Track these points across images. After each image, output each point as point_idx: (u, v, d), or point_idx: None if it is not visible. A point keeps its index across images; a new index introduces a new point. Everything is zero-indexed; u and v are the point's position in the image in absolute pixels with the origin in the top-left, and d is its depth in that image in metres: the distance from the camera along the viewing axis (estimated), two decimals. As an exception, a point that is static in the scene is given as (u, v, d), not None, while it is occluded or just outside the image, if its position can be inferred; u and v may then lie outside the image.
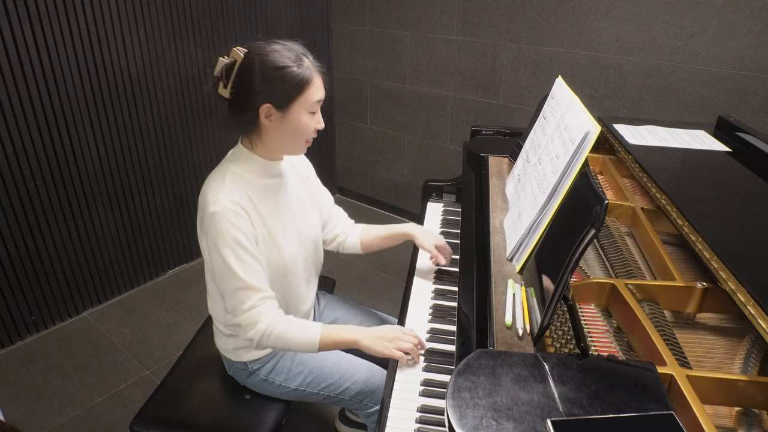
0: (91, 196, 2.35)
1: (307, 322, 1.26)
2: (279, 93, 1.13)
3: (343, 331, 1.24)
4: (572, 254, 0.85)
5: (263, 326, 1.18)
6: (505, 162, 1.68)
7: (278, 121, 1.17)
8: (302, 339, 1.21)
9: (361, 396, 1.35)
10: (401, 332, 1.19)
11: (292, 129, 1.18)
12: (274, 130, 1.18)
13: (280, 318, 1.21)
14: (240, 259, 1.16)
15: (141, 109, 2.42)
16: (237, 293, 1.17)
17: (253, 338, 1.20)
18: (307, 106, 1.16)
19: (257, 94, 1.14)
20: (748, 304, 0.83)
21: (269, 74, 1.12)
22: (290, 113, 1.16)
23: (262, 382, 1.35)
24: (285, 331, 1.20)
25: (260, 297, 1.19)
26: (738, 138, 1.55)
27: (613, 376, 0.80)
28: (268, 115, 1.16)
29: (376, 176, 3.49)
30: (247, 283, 1.17)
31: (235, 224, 1.15)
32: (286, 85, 1.13)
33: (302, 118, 1.17)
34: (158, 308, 2.53)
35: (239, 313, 1.18)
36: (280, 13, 2.91)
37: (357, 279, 2.72)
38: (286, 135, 1.19)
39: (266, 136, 1.20)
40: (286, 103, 1.15)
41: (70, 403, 2.00)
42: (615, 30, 2.26)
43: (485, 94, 2.77)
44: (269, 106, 1.14)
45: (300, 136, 1.20)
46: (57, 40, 2.06)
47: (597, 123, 1.02)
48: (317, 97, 1.17)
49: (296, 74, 1.13)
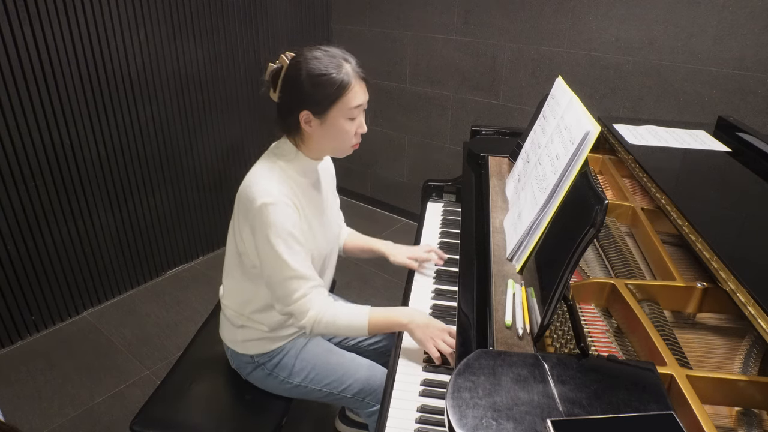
0: (91, 196, 2.35)
1: (355, 306, 1.27)
2: (316, 100, 1.16)
3: (393, 312, 1.23)
4: (572, 254, 0.85)
5: (313, 312, 1.21)
6: (505, 162, 1.68)
7: (318, 127, 1.20)
8: (352, 322, 1.23)
9: (363, 394, 1.35)
10: (448, 333, 1.18)
11: (332, 134, 1.21)
12: (316, 135, 1.22)
13: (329, 304, 1.23)
14: (291, 249, 1.18)
15: (141, 109, 2.42)
16: (288, 282, 1.19)
17: (305, 325, 1.22)
18: (345, 112, 1.18)
19: (297, 100, 1.18)
20: (748, 304, 0.83)
21: (308, 81, 1.15)
22: (329, 119, 1.18)
23: (266, 377, 1.36)
24: (334, 316, 1.22)
25: (311, 285, 1.21)
26: (738, 138, 1.55)
27: (613, 376, 0.80)
28: (307, 121, 1.19)
29: (376, 176, 3.49)
30: (298, 273, 1.19)
31: (288, 215, 1.17)
32: (323, 92, 1.15)
33: (341, 124, 1.19)
34: (158, 308, 2.53)
35: (291, 302, 1.20)
36: (280, 13, 2.91)
37: (357, 279, 2.72)
38: (327, 140, 1.22)
39: (309, 139, 1.24)
40: (324, 110, 1.17)
41: (70, 403, 2.00)
42: (615, 30, 2.26)
43: (485, 94, 2.77)
44: (308, 113, 1.18)
45: (341, 140, 1.22)
46: (57, 40, 2.06)
47: (597, 123, 1.02)
48: (356, 102, 1.19)
49: (333, 81, 1.15)
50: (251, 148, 2.97)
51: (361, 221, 3.40)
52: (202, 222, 2.87)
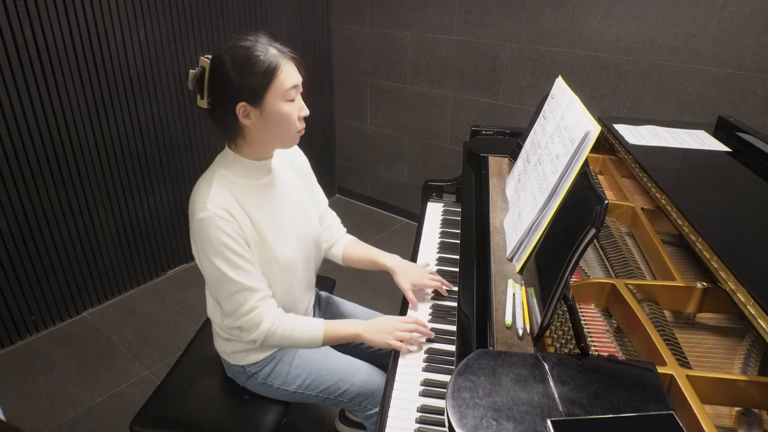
0: (91, 196, 2.35)
1: (309, 318, 1.27)
2: (249, 87, 1.10)
3: (345, 325, 1.26)
4: (572, 254, 0.85)
5: (266, 326, 1.19)
6: (505, 162, 1.68)
7: (257, 118, 1.13)
8: (306, 335, 1.22)
9: (360, 398, 1.34)
10: (400, 321, 1.22)
11: (273, 121, 1.14)
12: (257, 128, 1.15)
13: (282, 316, 1.22)
14: (231, 263, 1.14)
15: (141, 109, 2.42)
16: (234, 296, 1.17)
17: (257, 339, 1.20)
18: (282, 94, 1.12)
19: (229, 95, 1.11)
20: (748, 304, 0.83)
21: (235, 71, 1.09)
22: (266, 106, 1.12)
23: (261, 385, 1.35)
24: (289, 329, 1.21)
25: (259, 297, 1.19)
26: (738, 138, 1.55)
27: (613, 376, 0.80)
28: (245, 114, 1.12)
29: (376, 176, 3.49)
30: (243, 285, 1.16)
31: (223, 229, 1.12)
32: (253, 78, 1.09)
33: (281, 108, 1.12)
34: (158, 308, 2.53)
35: (239, 316, 1.18)
36: (280, 13, 2.91)
37: (357, 279, 2.72)
38: (270, 129, 1.15)
39: (251, 136, 1.17)
40: (259, 96, 1.10)
41: (70, 403, 1.99)
42: (615, 30, 2.26)
43: (485, 94, 2.77)
44: (244, 104, 1.11)
45: (285, 127, 1.16)
46: (57, 40, 2.06)
47: (597, 123, 1.02)
48: (290, 82, 1.12)
49: (261, 63, 1.09)
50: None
51: (361, 221, 3.40)
52: (202, 222, 2.87)
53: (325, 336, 1.24)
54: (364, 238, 1.59)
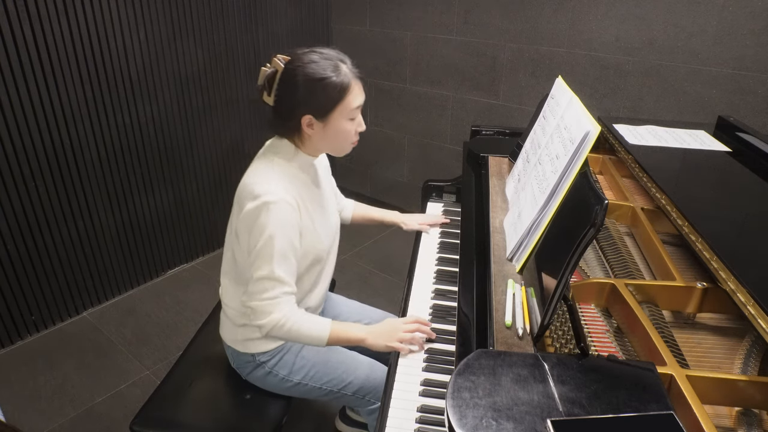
0: (91, 196, 2.35)
1: (318, 317, 1.28)
2: (318, 104, 1.17)
3: (351, 328, 1.28)
4: (572, 254, 0.85)
5: (277, 316, 1.21)
6: (505, 162, 1.68)
7: (320, 130, 1.21)
8: (312, 333, 1.24)
9: (363, 392, 1.36)
10: (401, 323, 1.24)
11: (333, 135, 1.22)
12: (316, 137, 1.23)
13: (294, 311, 1.24)
14: (283, 252, 1.18)
15: (141, 109, 2.42)
16: (264, 281, 1.19)
17: (264, 326, 1.21)
18: (347, 113, 1.20)
19: (298, 105, 1.18)
20: (748, 304, 0.83)
21: (308, 86, 1.15)
22: (330, 122, 1.20)
23: (266, 376, 1.36)
24: (298, 324, 1.23)
25: (284, 291, 1.21)
26: (738, 138, 1.55)
27: (613, 376, 0.80)
28: (309, 124, 1.20)
29: (376, 176, 3.49)
30: (277, 276, 1.19)
31: (288, 217, 1.18)
32: (324, 95, 1.16)
33: (343, 125, 1.21)
34: (158, 308, 2.53)
35: (257, 299, 1.20)
36: (280, 13, 2.91)
37: (357, 279, 2.72)
38: (328, 141, 1.24)
39: (309, 140, 1.25)
40: (326, 113, 1.18)
41: (70, 403, 2.00)
42: (615, 30, 2.26)
43: (485, 94, 2.77)
44: (310, 117, 1.18)
45: (342, 140, 1.25)
46: (57, 40, 2.06)
47: (597, 123, 1.02)
48: (356, 103, 1.20)
49: (334, 84, 1.16)
50: (251, 147, 2.97)
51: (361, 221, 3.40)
52: (202, 222, 2.87)
53: (331, 337, 1.25)
54: (364, 238, 1.60)
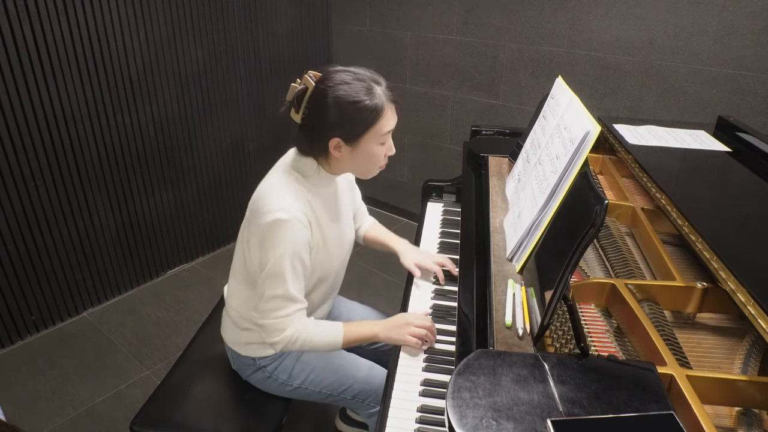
0: (91, 196, 2.35)
1: (328, 323, 1.28)
2: (349, 128, 1.13)
3: (362, 327, 1.28)
4: (572, 254, 0.85)
5: (290, 332, 1.20)
6: (505, 162, 1.68)
7: (347, 153, 1.17)
8: (327, 340, 1.25)
9: (363, 395, 1.35)
10: (413, 318, 1.23)
11: (361, 159, 1.19)
12: (344, 160, 1.19)
13: (305, 323, 1.23)
14: (294, 270, 1.16)
15: (141, 109, 2.42)
16: (276, 300, 1.18)
17: (278, 343, 1.21)
18: (378, 138, 1.16)
19: (327, 127, 1.13)
20: (748, 304, 0.83)
21: (339, 109, 1.11)
22: (360, 146, 1.16)
23: (266, 379, 1.36)
24: (311, 336, 1.23)
25: (296, 308, 1.21)
26: (738, 138, 1.55)
27: (613, 376, 0.80)
28: (337, 147, 1.16)
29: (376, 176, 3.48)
30: (290, 294, 1.18)
31: (299, 236, 1.15)
32: (356, 120, 1.12)
33: (373, 149, 1.17)
34: (158, 308, 2.53)
35: (270, 318, 1.20)
36: (280, 13, 2.91)
37: (357, 279, 2.72)
38: (355, 164, 1.21)
39: (335, 162, 1.21)
40: (356, 138, 1.14)
41: (70, 403, 2.00)
42: (615, 30, 2.26)
43: (485, 94, 2.77)
44: (338, 140, 1.14)
45: (370, 165, 1.21)
46: (57, 40, 2.06)
47: (597, 123, 1.02)
48: (388, 128, 1.16)
49: (367, 109, 1.11)
50: (251, 147, 2.97)
51: (361, 221, 3.40)
52: (202, 222, 2.87)
53: (345, 339, 1.26)
54: (364, 238, 1.60)
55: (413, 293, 1.40)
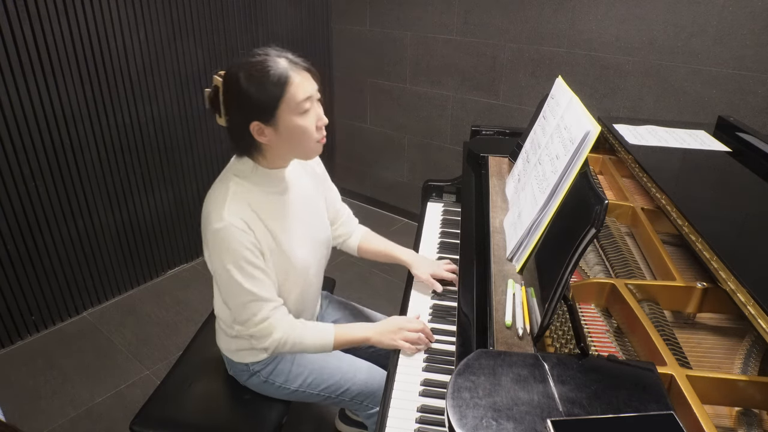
0: (91, 196, 2.35)
1: (320, 324, 1.27)
2: (260, 105, 1.07)
3: (355, 329, 1.27)
4: (572, 254, 0.85)
5: (279, 335, 1.20)
6: (505, 162, 1.68)
7: (273, 134, 1.10)
8: (317, 342, 1.24)
9: (362, 397, 1.35)
10: (406, 322, 1.23)
11: (289, 137, 1.11)
12: (274, 144, 1.13)
13: (293, 324, 1.22)
14: (246, 273, 1.14)
15: (141, 109, 2.42)
16: (247, 306, 1.17)
17: (269, 347, 1.20)
18: (294, 108, 1.08)
19: (242, 115, 1.09)
20: (748, 304, 0.83)
21: (244, 92, 1.06)
22: (280, 122, 1.09)
23: (263, 383, 1.35)
24: (300, 337, 1.22)
25: (271, 308, 1.19)
26: (738, 138, 1.55)
27: (613, 376, 0.80)
28: (259, 132, 1.10)
29: (376, 176, 3.49)
30: (256, 296, 1.16)
31: (239, 240, 1.12)
32: (264, 94, 1.06)
33: (295, 122, 1.09)
34: (158, 308, 2.53)
35: (251, 326, 1.19)
36: (280, 13, 2.91)
37: (357, 279, 2.72)
38: (287, 144, 1.13)
39: (269, 151, 1.15)
40: (271, 113, 1.07)
41: (70, 403, 1.99)
42: (615, 30, 2.26)
43: (485, 94, 2.77)
44: (257, 123, 1.09)
45: (303, 140, 1.12)
46: (57, 40, 2.06)
47: (597, 123, 1.02)
48: (301, 95, 1.08)
49: (270, 81, 1.05)
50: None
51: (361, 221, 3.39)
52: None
53: (336, 341, 1.25)
54: (364, 238, 1.59)
55: (414, 293, 1.40)
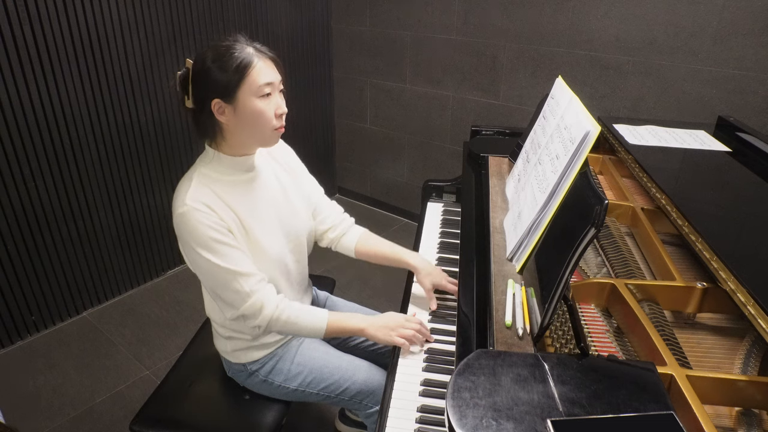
0: (91, 196, 2.35)
1: (314, 308, 1.27)
2: (222, 83, 1.12)
3: (350, 318, 1.27)
4: (572, 254, 0.85)
5: (269, 311, 1.19)
6: (505, 162, 1.68)
7: (232, 114, 1.15)
8: (310, 323, 1.23)
9: (361, 396, 1.35)
10: (404, 319, 1.23)
11: (247, 119, 1.15)
12: (233, 125, 1.16)
13: (286, 302, 1.23)
14: (217, 252, 1.15)
15: (141, 109, 2.42)
16: (229, 285, 1.17)
17: (260, 325, 1.20)
18: (254, 90, 1.13)
19: (205, 91, 1.14)
20: (748, 304, 0.83)
21: (210, 68, 1.13)
22: (239, 102, 1.13)
23: (262, 383, 1.35)
24: (294, 317, 1.22)
25: (255, 281, 1.18)
26: (738, 138, 1.55)
27: (613, 376, 0.80)
28: (220, 110, 1.15)
29: (376, 176, 3.49)
30: (234, 272, 1.16)
31: (201, 221, 1.13)
32: (226, 73, 1.12)
33: (254, 104, 1.14)
34: (158, 308, 2.53)
35: (240, 303, 1.18)
36: (280, 13, 2.91)
37: (357, 279, 2.72)
38: (245, 126, 1.16)
39: (228, 133, 1.19)
40: (232, 92, 1.13)
41: (70, 403, 1.99)
42: (615, 30, 2.26)
43: (485, 94, 2.77)
44: (218, 101, 1.13)
45: (260, 124, 1.16)
46: (57, 40, 2.06)
47: (597, 123, 1.02)
48: (263, 79, 1.14)
49: (233, 60, 1.12)
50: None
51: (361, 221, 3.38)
52: (202, 222, 2.87)
53: (329, 327, 1.24)
54: (364, 238, 1.58)
55: (414, 293, 1.40)
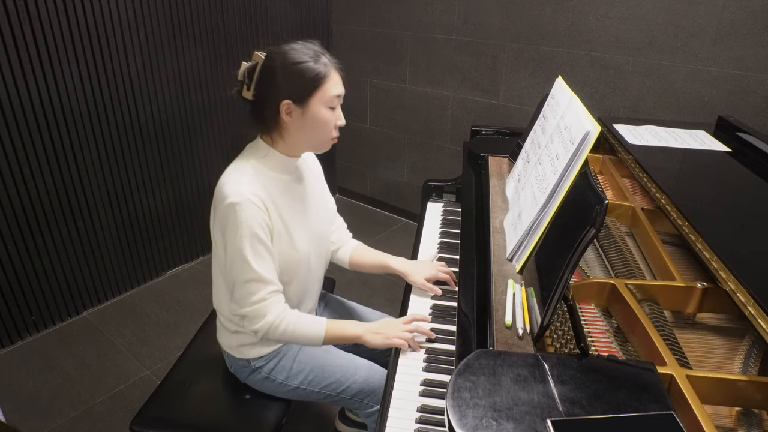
0: (91, 196, 2.35)
1: (313, 316, 1.29)
2: (297, 88, 1.17)
3: (348, 326, 1.29)
4: (572, 254, 0.85)
5: (271, 318, 1.21)
6: (505, 162, 1.68)
7: (298, 117, 1.20)
8: (308, 332, 1.25)
9: (362, 395, 1.35)
10: (401, 323, 1.25)
11: (311, 124, 1.21)
12: (296, 127, 1.21)
13: (287, 311, 1.25)
14: (255, 251, 1.18)
15: (141, 109, 2.42)
16: (248, 284, 1.19)
17: (259, 330, 1.22)
18: (326, 101, 1.20)
19: (277, 90, 1.17)
20: (748, 304, 0.83)
21: (288, 70, 1.16)
22: (309, 108, 1.19)
23: (264, 380, 1.36)
24: (293, 325, 1.24)
25: (270, 290, 1.22)
26: (738, 138, 1.55)
27: (613, 376, 0.80)
28: (288, 111, 1.19)
29: (376, 176, 3.49)
30: (259, 275, 1.19)
31: (255, 216, 1.17)
32: (303, 79, 1.16)
33: (322, 113, 1.20)
34: (158, 308, 2.53)
35: (247, 305, 1.21)
36: (280, 13, 2.91)
37: (357, 279, 2.72)
38: (306, 130, 1.22)
39: (287, 133, 1.23)
40: (305, 98, 1.18)
41: (70, 403, 1.99)
42: (615, 30, 2.26)
43: (485, 94, 2.77)
44: (289, 102, 1.17)
45: (321, 131, 1.23)
46: (57, 40, 2.06)
47: (597, 123, 1.02)
48: (335, 91, 1.21)
49: (313, 69, 1.17)
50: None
51: (361, 221, 3.40)
52: (202, 222, 2.87)
53: (327, 335, 1.26)
54: (364, 238, 1.60)
55: (414, 293, 1.40)
